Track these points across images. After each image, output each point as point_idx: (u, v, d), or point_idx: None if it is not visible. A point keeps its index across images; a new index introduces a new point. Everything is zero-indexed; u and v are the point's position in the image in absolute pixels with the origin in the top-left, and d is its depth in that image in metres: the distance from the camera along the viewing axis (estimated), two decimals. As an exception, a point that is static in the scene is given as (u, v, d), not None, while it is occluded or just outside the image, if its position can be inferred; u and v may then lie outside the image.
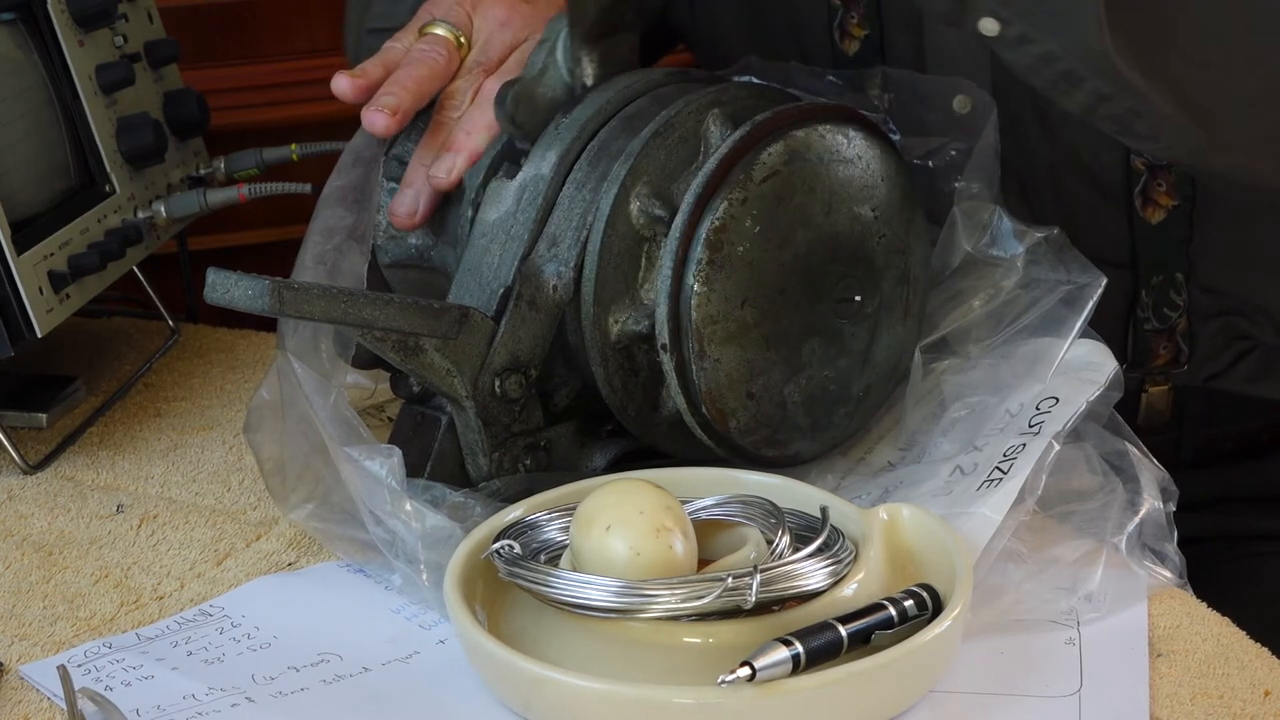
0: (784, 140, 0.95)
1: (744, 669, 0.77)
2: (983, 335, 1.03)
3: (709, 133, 0.97)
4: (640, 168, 0.96)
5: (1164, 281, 1.17)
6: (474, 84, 1.06)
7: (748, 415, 0.97)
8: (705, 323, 0.94)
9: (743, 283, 0.95)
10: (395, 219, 1.04)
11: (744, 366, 0.96)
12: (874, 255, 0.99)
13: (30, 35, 1.16)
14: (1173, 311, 1.18)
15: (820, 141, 0.96)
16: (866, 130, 0.99)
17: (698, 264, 0.93)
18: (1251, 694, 0.85)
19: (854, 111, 1.00)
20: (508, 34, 1.07)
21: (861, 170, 0.98)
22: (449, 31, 1.07)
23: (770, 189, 0.95)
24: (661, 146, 0.96)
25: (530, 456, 0.98)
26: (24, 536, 1.05)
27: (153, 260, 1.25)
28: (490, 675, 0.85)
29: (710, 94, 0.98)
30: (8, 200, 1.09)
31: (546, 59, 1.02)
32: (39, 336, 1.08)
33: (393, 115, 1.02)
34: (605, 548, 0.84)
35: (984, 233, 1.04)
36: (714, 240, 0.93)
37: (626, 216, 0.96)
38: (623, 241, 0.96)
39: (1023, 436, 0.96)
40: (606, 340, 0.96)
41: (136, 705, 0.85)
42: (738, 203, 0.94)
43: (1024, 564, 0.92)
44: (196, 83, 1.31)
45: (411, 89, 1.03)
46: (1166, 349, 1.19)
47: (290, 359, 0.95)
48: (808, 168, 0.96)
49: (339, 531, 0.97)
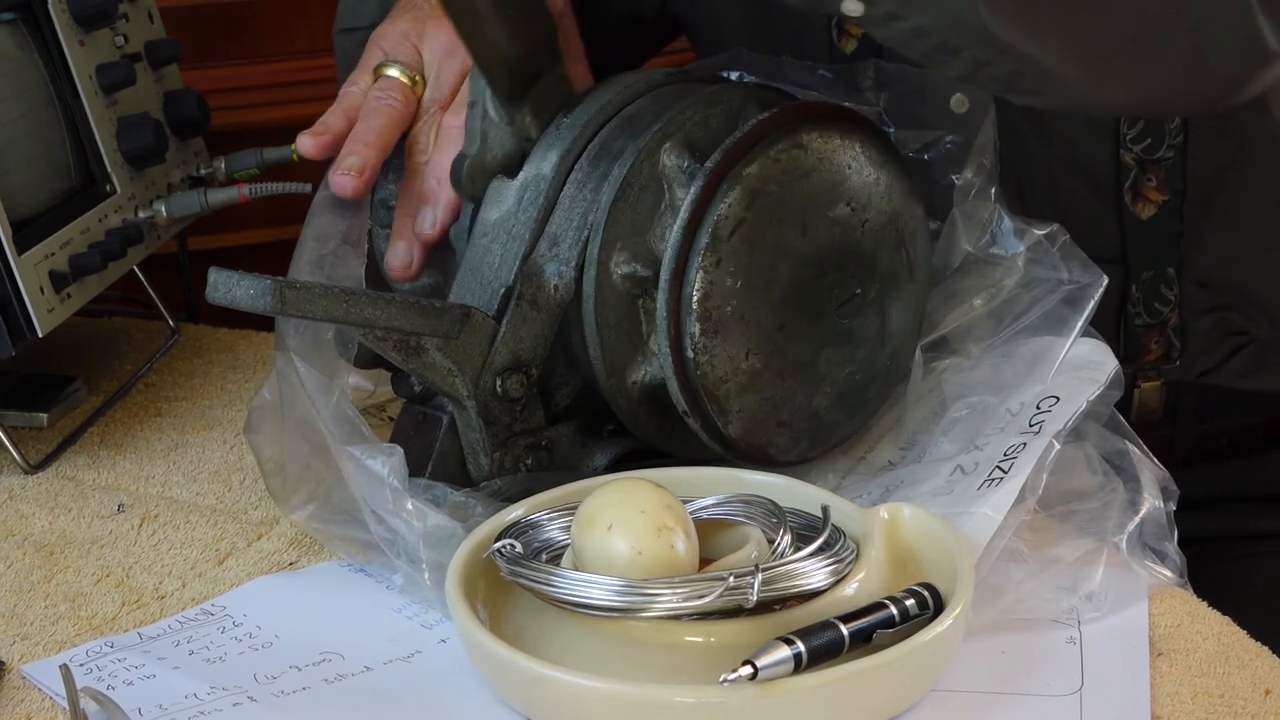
0: (739, 183, 0.94)
1: (746, 668, 0.77)
2: (983, 334, 1.03)
3: (665, 170, 0.96)
4: (611, 237, 0.95)
5: (1155, 277, 1.17)
6: (433, 124, 1.07)
7: (784, 439, 0.99)
8: (716, 385, 0.95)
9: (741, 338, 0.95)
10: (393, 273, 1.05)
11: (767, 405, 0.97)
12: (861, 245, 0.98)
13: (31, 35, 1.16)
14: (1164, 306, 1.18)
15: (776, 166, 0.95)
16: (821, 124, 0.97)
17: (692, 338, 0.94)
18: (1252, 693, 0.85)
19: (805, 110, 0.98)
20: (455, 61, 1.08)
21: (826, 172, 0.97)
22: (402, 73, 1.07)
23: (740, 240, 0.94)
24: (625, 208, 0.96)
25: (531, 456, 0.98)
26: (25, 536, 1.05)
27: (153, 260, 1.25)
28: (492, 674, 0.85)
29: (657, 131, 0.96)
30: (8, 200, 1.09)
31: (484, 124, 1.01)
32: (40, 336, 1.08)
33: (359, 175, 1.03)
34: (607, 547, 0.84)
35: (984, 232, 1.04)
36: (701, 310, 0.94)
37: (613, 285, 0.96)
38: (618, 310, 0.96)
39: (1023, 436, 0.96)
40: (632, 399, 0.98)
41: (138, 704, 0.85)
42: (713, 266, 0.93)
43: (1025, 563, 0.92)
44: (196, 83, 1.31)
45: (374, 142, 1.05)
46: (1158, 344, 1.19)
47: (293, 358, 0.95)
48: (770, 200, 0.95)
49: (340, 532, 0.97)
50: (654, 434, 1.00)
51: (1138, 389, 1.21)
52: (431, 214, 1.04)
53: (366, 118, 1.06)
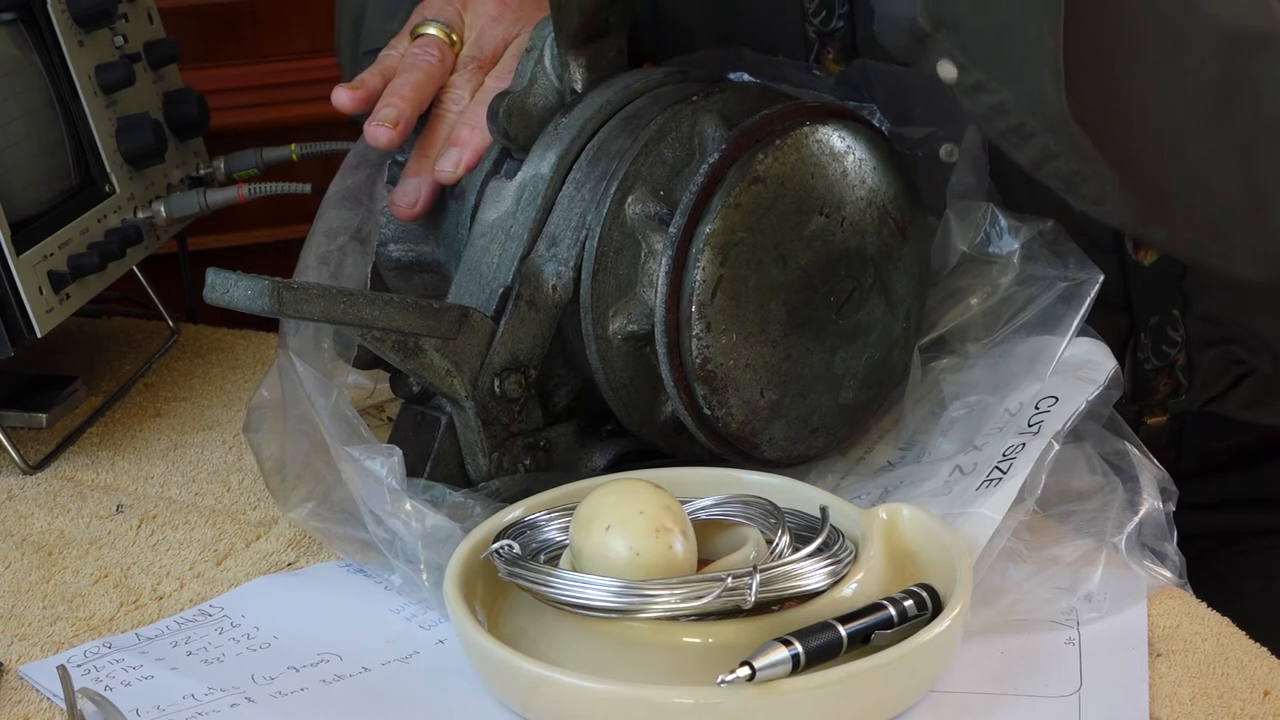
0: (707, 244, 0.93)
1: (743, 669, 0.77)
2: (981, 334, 1.03)
3: (635, 224, 0.95)
4: (601, 308, 0.96)
5: (1161, 321, 1.17)
6: (471, 79, 1.06)
7: (821, 440, 1.01)
8: (741, 429, 0.96)
9: (752, 382, 0.96)
10: (396, 209, 1.04)
11: (796, 424, 0.98)
12: (845, 244, 0.98)
13: (30, 35, 1.16)
14: (1171, 348, 1.18)
15: (738, 212, 0.93)
16: (769, 142, 0.95)
17: (705, 398, 0.95)
18: (1251, 694, 0.85)
19: (752, 133, 0.95)
20: (499, 29, 1.07)
21: (790, 194, 0.95)
22: (440, 30, 1.07)
23: (724, 297, 0.94)
24: (606, 276, 0.95)
25: (530, 456, 0.98)
26: (24, 536, 1.05)
27: (153, 260, 1.26)
28: (490, 675, 0.85)
29: (616, 192, 0.95)
30: (8, 200, 1.09)
31: (535, 68, 1.02)
32: (39, 336, 1.08)
33: (394, 127, 1.02)
34: (605, 548, 0.84)
35: (978, 231, 1.03)
36: (705, 375, 0.94)
37: (617, 350, 0.96)
38: (628, 370, 0.97)
39: (1022, 436, 0.95)
40: (667, 432, 0.99)
41: (136, 705, 0.85)
42: (704, 333, 0.93)
43: (1024, 564, 0.92)
44: (196, 83, 1.31)
45: (409, 97, 1.03)
46: (1166, 384, 1.19)
47: (292, 358, 0.95)
48: (743, 248, 0.94)
49: (339, 531, 0.97)
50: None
51: (1144, 424, 1.21)
52: (457, 155, 1.02)
53: (403, 73, 1.05)
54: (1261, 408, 1.20)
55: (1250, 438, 1.23)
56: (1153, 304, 1.17)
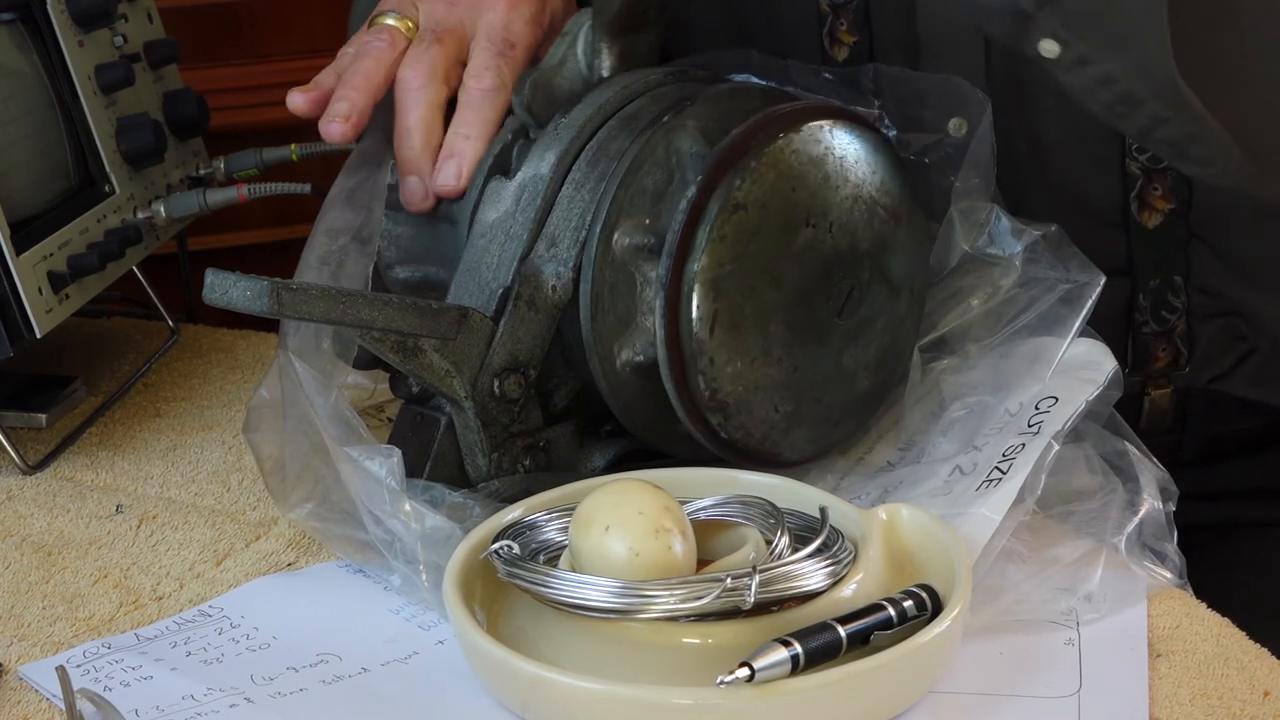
0: (698, 281, 0.93)
1: (743, 670, 0.77)
2: (981, 334, 1.03)
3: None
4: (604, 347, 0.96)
5: (1161, 285, 1.17)
6: (429, 50, 1.05)
7: (841, 432, 1.02)
8: (760, 443, 0.97)
9: (764, 401, 0.96)
10: (410, 206, 1.04)
11: (817, 425, 0.99)
12: (836, 248, 0.97)
13: (30, 35, 1.16)
14: (1170, 314, 1.18)
15: (723, 245, 0.93)
16: (743, 163, 0.94)
17: (719, 423, 0.95)
18: (1251, 694, 0.85)
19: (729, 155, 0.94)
20: (456, 14, 1.07)
21: (773, 213, 0.94)
22: (396, 20, 1.06)
23: (723, 330, 0.94)
24: (605, 315, 0.96)
25: (529, 457, 0.98)
26: (23, 537, 1.05)
27: (153, 260, 1.25)
28: (489, 676, 0.85)
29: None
30: (7, 200, 1.09)
31: (566, 51, 1.03)
32: (38, 337, 1.08)
33: (346, 121, 1.02)
34: (604, 548, 0.84)
35: (981, 232, 1.03)
36: (716, 404, 0.95)
37: (624, 382, 0.97)
38: (639, 397, 0.97)
39: (1022, 436, 0.95)
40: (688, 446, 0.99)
41: (135, 706, 0.85)
42: (709, 366, 0.94)
43: (1023, 564, 0.92)
44: (196, 83, 1.31)
45: (360, 85, 1.03)
46: (1166, 351, 1.19)
47: (291, 358, 0.95)
48: (734, 279, 0.94)
49: (338, 531, 0.97)
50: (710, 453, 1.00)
51: (1148, 396, 1.20)
52: (455, 165, 1.02)
53: (354, 61, 1.04)
54: (1267, 386, 1.20)
55: (1256, 424, 1.23)
56: (1154, 267, 1.17)
